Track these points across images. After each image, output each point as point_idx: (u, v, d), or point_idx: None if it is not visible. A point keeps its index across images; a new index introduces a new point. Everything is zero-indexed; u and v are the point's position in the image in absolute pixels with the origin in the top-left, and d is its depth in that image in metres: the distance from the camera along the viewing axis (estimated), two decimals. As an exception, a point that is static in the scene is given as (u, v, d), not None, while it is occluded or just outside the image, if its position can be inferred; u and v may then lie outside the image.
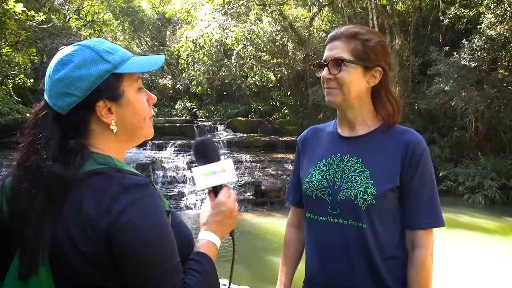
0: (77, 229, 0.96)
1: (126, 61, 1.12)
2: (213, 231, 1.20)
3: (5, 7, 8.21)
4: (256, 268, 6.73)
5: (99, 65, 1.07)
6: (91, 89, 1.05)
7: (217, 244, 1.19)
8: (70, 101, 1.05)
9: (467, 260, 7.14)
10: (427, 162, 1.47)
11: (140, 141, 1.20)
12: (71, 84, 1.04)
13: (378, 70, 1.48)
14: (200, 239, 1.18)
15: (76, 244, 0.96)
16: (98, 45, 1.10)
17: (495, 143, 13.83)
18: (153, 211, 1.00)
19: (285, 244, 1.80)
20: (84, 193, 0.98)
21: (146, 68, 1.15)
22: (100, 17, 24.70)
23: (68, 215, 0.97)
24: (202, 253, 1.13)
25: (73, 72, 1.05)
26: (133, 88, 1.13)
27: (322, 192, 1.54)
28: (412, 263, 1.46)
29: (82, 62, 1.06)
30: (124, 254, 0.96)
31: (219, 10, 17.99)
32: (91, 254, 0.96)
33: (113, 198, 0.96)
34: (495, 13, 12.66)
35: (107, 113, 1.09)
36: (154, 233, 0.98)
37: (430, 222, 1.46)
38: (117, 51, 1.12)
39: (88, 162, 1.03)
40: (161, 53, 1.24)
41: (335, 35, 1.51)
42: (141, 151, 13.52)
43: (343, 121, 1.59)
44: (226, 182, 1.25)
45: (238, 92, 21.18)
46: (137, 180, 1.01)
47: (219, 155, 1.28)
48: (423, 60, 15.14)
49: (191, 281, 1.03)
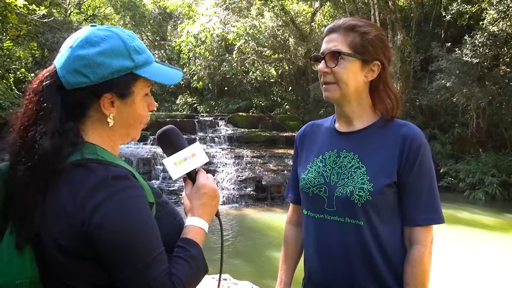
0: (54, 221, 0.97)
1: (149, 65, 1.12)
2: (200, 215, 1.18)
3: (6, 1, 8.19)
4: (257, 264, 6.75)
5: (124, 60, 1.06)
6: (105, 79, 1.05)
7: (205, 228, 1.18)
8: (81, 81, 1.04)
9: (468, 256, 7.15)
10: (426, 156, 1.42)
11: (129, 140, 1.20)
12: (89, 66, 1.03)
13: (377, 64, 1.45)
14: (186, 225, 1.16)
15: (54, 235, 0.96)
16: (130, 40, 1.09)
17: (496, 140, 13.82)
18: (131, 204, 0.99)
19: (285, 242, 1.78)
20: (62, 185, 0.98)
21: (163, 80, 1.14)
22: (101, 12, 24.62)
23: (47, 204, 0.98)
24: (188, 239, 1.12)
25: (97, 57, 1.04)
26: (142, 92, 1.13)
27: (318, 189, 1.51)
28: (409, 260, 1.42)
29: (109, 50, 1.05)
30: (105, 251, 0.96)
31: (221, 5, 17.93)
32: (68, 248, 0.96)
33: (89, 193, 0.96)
34: (498, 9, 12.59)
35: (109, 106, 1.08)
36: (132, 227, 0.98)
37: (428, 219, 1.42)
38: (144, 52, 1.12)
39: (77, 152, 1.02)
40: (180, 69, 1.23)
41: (333, 27, 1.47)
42: (142, 146, 13.53)
43: (340, 116, 1.55)
44: (199, 165, 1.23)
45: (239, 87, 21.14)
46: (117, 172, 1.01)
47: (184, 141, 1.26)
48: (424, 56, 15.09)
49: (176, 269, 1.03)
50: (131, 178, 1.03)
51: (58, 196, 0.97)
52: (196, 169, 1.24)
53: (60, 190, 0.98)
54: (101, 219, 0.94)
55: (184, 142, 1.26)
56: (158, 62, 1.17)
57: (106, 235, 0.95)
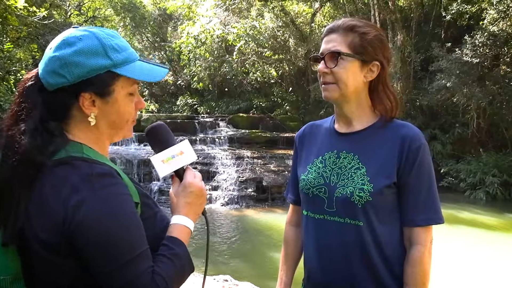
0: (38, 217, 0.97)
1: (130, 63, 1.11)
2: (185, 214, 1.18)
3: (6, 2, 8.19)
4: (257, 264, 6.75)
5: (100, 59, 1.06)
6: (83, 78, 1.05)
7: (190, 227, 1.17)
8: (59, 82, 1.05)
9: (468, 256, 7.15)
10: (425, 156, 1.42)
11: (118, 139, 1.20)
12: (66, 66, 1.04)
13: (376, 64, 1.45)
14: (171, 224, 1.16)
15: (37, 231, 0.97)
16: (107, 39, 1.09)
17: (497, 140, 13.81)
18: (114, 201, 0.99)
19: (285, 243, 1.78)
20: (46, 182, 0.98)
21: (145, 78, 1.13)
22: (101, 13, 24.63)
23: (32, 201, 0.98)
24: (173, 238, 1.11)
25: (72, 56, 1.04)
26: (124, 91, 1.12)
27: (318, 189, 1.51)
28: (408, 260, 1.42)
29: (85, 49, 1.05)
30: (86, 248, 0.96)
31: (221, 6, 17.94)
32: (51, 244, 0.97)
33: (72, 190, 0.96)
34: (498, 9, 12.59)
35: (89, 105, 1.08)
36: (115, 224, 0.98)
37: (428, 219, 1.42)
38: (124, 50, 1.11)
39: (62, 150, 1.03)
40: (165, 66, 1.22)
41: (332, 27, 1.47)
42: (142, 147, 13.53)
43: (340, 116, 1.55)
44: (187, 163, 1.22)
45: (239, 88, 21.13)
46: (101, 169, 1.01)
47: (173, 139, 1.24)
48: (425, 56, 15.09)
49: (160, 268, 1.02)
50: (115, 175, 1.03)
51: (42, 193, 0.98)
52: (184, 167, 1.23)
53: (44, 187, 0.98)
54: (83, 216, 0.95)
55: (173, 139, 1.24)
56: (143, 60, 1.16)
57: (88, 232, 0.95)
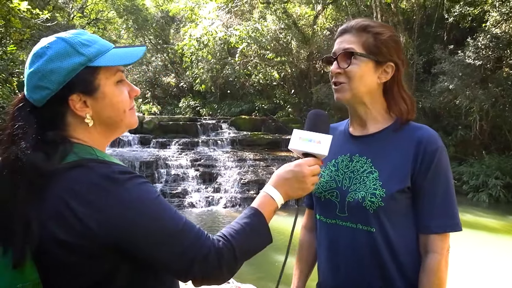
0: (59, 222, 0.95)
1: (104, 53, 1.09)
2: (276, 187, 1.19)
3: (10, 5, 8.21)
4: (261, 267, 6.72)
5: (72, 58, 1.05)
6: (64, 83, 1.04)
7: (277, 200, 1.19)
8: (44, 94, 1.04)
9: (471, 259, 7.11)
10: (442, 160, 1.36)
11: (122, 131, 1.19)
12: (44, 77, 1.03)
13: (390, 65, 1.41)
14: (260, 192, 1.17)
15: (58, 236, 0.94)
16: (74, 38, 1.07)
17: (500, 142, 13.77)
18: (144, 191, 1.01)
19: (299, 247, 1.74)
20: (62, 187, 0.97)
21: (123, 61, 1.11)
22: (104, 15, 24.71)
23: (49, 207, 0.96)
24: (252, 208, 1.13)
25: (46, 65, 1.04)
26: (110, 82, 1.10)
27: (330, 193, 1.48)
28: (424, 269, 1.36)
29: (55, 55, 1.04)
30: (131, 248, 0.97)
31: (223, 8, 17.97)
32: (75, 246, 0.95)
33: (96, 191, 0.96)
34: (500, 11, 12.57)
35: (82, 107, 1.07)
36: (152, 206, 0.99)
37: (444, 225, 1.36)
38: (95, 43, 1.09)
39: (71, 154, 1.02)
40: (143, 45, 1.21)
41: (345, 28, 1.44)
42: (145, 149, 13.55)
43: (354, 118, 1.51)
44: (316, 153, 1.27)
45: (241, 90, 21.15)
46: (120, 167, 1.02)
47: (325, 129, 1.31)
48: (427, 59, 15.06)
49: (227, 231, 1.04)
50: (134, 171, 1.04)
51: (61, 196, 0.96)
52: (313, 154, 1.27)
53: (60, 192, 0.96)
54: (117, 215, 0.95)
55: (324, 129, 1.31)
56: (118, 47, 1.15)
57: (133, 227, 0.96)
